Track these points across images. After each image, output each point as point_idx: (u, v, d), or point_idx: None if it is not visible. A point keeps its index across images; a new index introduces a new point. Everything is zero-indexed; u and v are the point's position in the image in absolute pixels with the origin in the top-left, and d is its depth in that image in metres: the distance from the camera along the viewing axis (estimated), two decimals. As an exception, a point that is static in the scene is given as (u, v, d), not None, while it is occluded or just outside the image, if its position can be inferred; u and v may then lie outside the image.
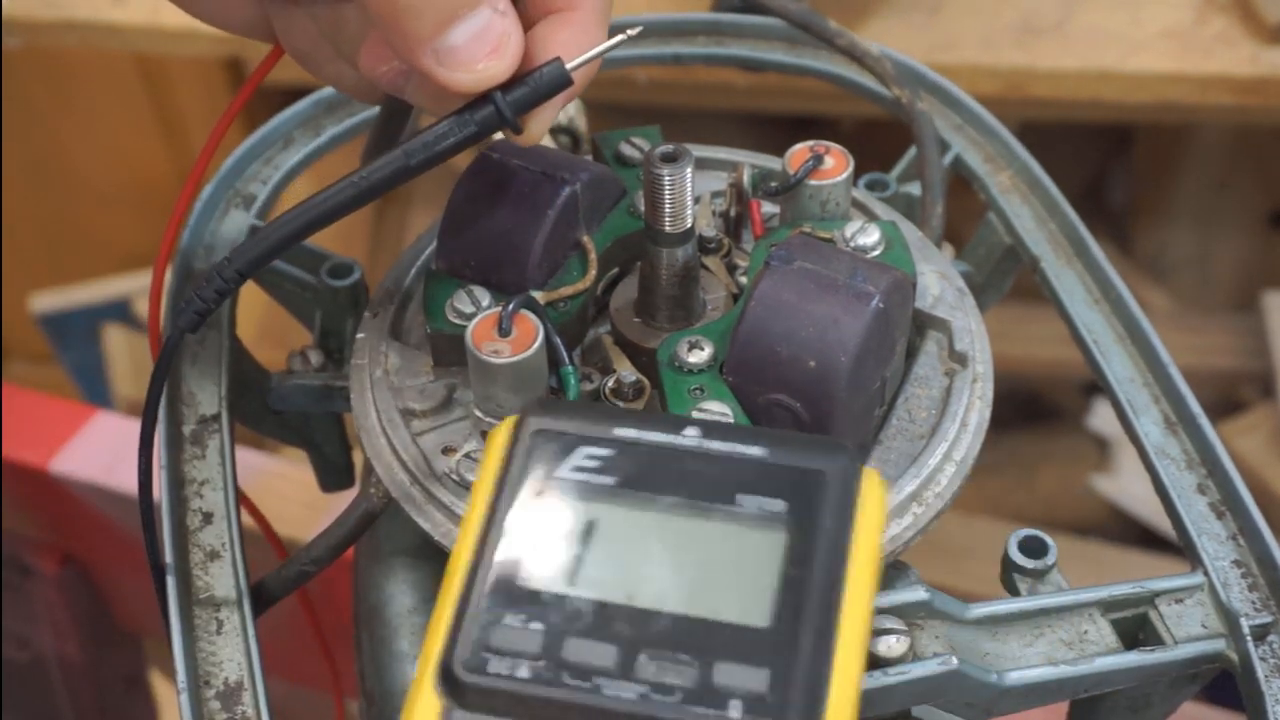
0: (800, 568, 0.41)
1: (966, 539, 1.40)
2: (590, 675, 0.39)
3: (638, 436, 0.44)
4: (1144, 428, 0.61)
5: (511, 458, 0.43)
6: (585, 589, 0.41)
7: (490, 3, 0.48)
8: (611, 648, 0.39)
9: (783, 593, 0.40)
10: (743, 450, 0.43)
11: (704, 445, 0.43)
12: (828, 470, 0.42)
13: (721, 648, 0.39)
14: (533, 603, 0.40)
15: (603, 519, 0.42)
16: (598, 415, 0.45)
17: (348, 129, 0.74)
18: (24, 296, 1.86)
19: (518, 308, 0.52)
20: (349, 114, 0.74)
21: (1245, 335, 1.59)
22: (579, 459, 0.43)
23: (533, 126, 0.51)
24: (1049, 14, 1.30)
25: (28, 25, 1.41)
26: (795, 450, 0.43)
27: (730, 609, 0.40)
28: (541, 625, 0.40)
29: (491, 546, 0.41)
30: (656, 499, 0.43)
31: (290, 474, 1.16)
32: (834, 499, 0.42)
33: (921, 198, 0.69)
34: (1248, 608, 0.54)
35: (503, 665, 0.39)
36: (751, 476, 0.43)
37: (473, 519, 0.42)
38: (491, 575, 0.41)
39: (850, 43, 0.72)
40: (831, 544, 0.41)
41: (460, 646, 0.39)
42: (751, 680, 0.38)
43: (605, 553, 0.42)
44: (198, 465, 0.60)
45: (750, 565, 0.41)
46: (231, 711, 0.53)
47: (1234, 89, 1.26)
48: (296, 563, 0.58)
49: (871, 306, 0.51)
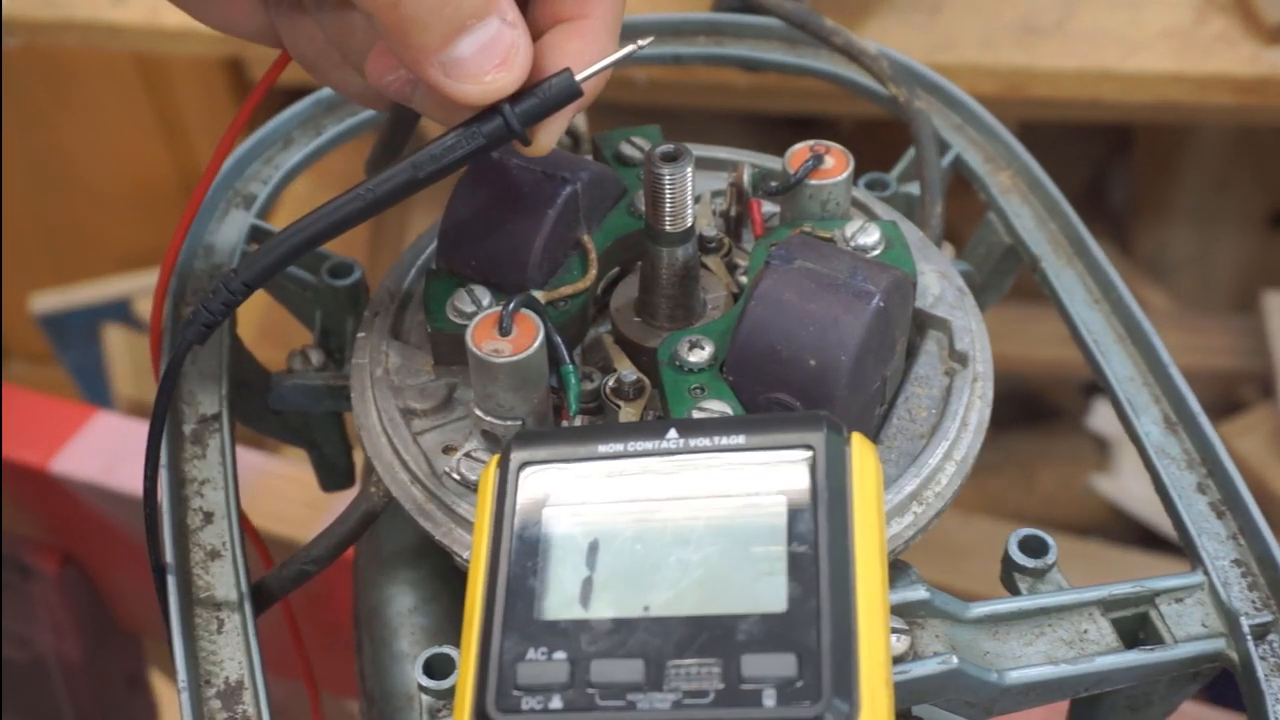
0: (806, 545, 0.41)
1: (966, 538, 1.40)
2: (622, 692, 0.39)
3: (622, 449, 0.44)
4: (1144, 427, 0.61)
5: (503, 495, 0.44)
6: (600, 609, 0.41)
7: (499, 12, 0.47)
8: (638, 662, 0.40)
9: (793, 574, 0.40)
10: (724, 441, 0.43)
11: (686, 444, 0.44)
12: (813, 443, 0.42)
13: (744, 640, 0.39)
14: (552, 633, 0.41)
15: (603, 537, 0.43)
16: (579, 437, 0.45)
17: (348, 129, 0.74)
18: (24, 296, 1.86)
19: (518, 307, 0.52)
20: (349, 114, 0.74)
21: (1245, 335, 1.59)
22: (569, 483, 0.44)
23: (541, 138, 0.50)
24: (1049, 14, 1.30)
25: (28, 25, 1.41)
26: (774, 431, 0.43)
27: (745, 600, 0.40)
28: (565, 654, 0.40)
29: (501, 586, 0.42)
30: (652, 507, 0.43)
31: (290, 474, 1.16)
32: (825, 470, 0.42)
33: (920, 197, 0.69)
34: (1248, 607, 0.54)
35: (535, 701, 0.39)
36: (738, 466, 0.43)
37: (478, 561, 0.43)
38: (506, 614, 0.41)
39: (847, 41, 0.72)
40: (833, 514, 0.41)
41: (489, 691, 0.40)
42: (779, 667, 0.39)
43: (612, 570, 0.42)
44: (198, 465, 0.60)
45: (755, 553, 0.41)
46: (232, 711, 0.53)
47: (1234, 89, 1.26)
48: (296, 563, 0.58)
49: (872, 306, 0.51)
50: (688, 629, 0.40)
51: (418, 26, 0.46)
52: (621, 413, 0.54)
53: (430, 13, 0.46)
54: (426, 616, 0.70)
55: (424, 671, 0.51)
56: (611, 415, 0.55)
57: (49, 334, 1.86)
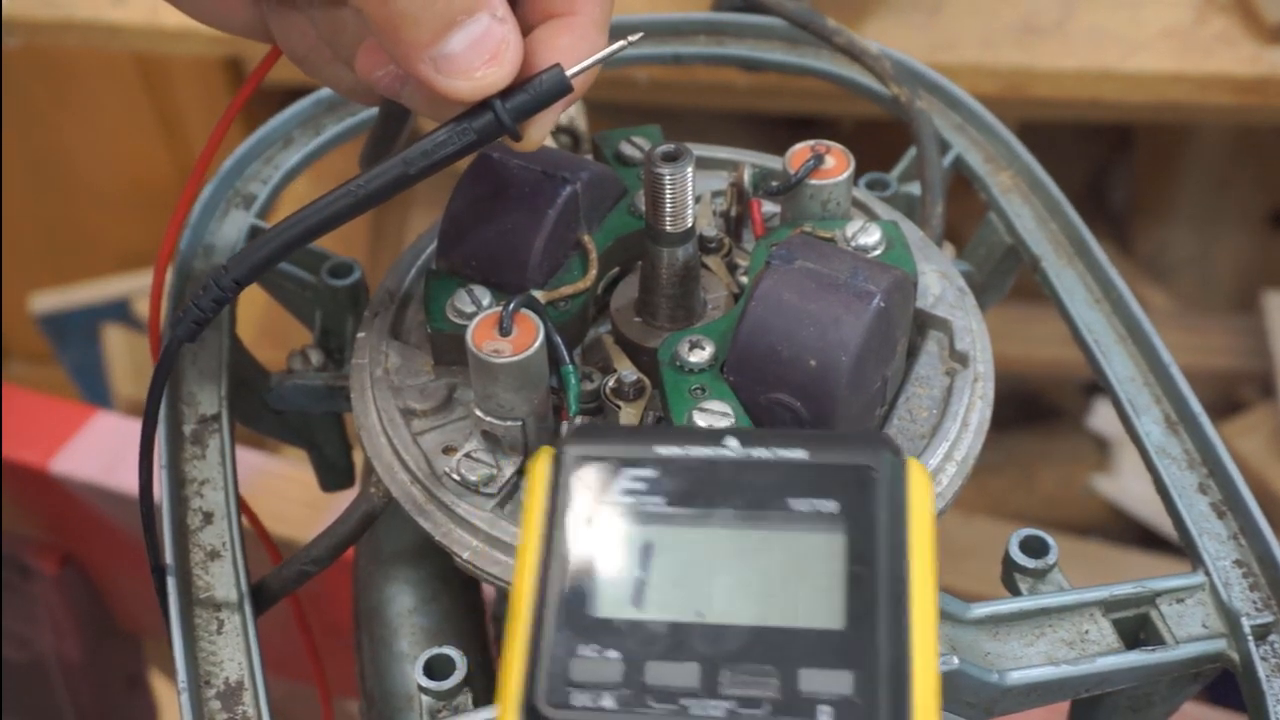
0: (864, 565, 0.41)
1: (967, 539, 1.40)
2: (675, 697, 0.39)
3: (680, 453, 0.44)
4: (1145, 427, 0.60)
5: (557, 488, 0.43)
6: (654, 611, 0.41)
7: (489, 8, 0.47)
8: (693, 666, 0.39)
9: (851, 592, 0.40)
10: (785, 454, 0.43)
11: (747, 454, 0.43)
12: (875, 465, 0.42)
13: (801, 654, 0.39)
14: (605, 631, 0.40)
15: (659, 539, 0.42)
16: (637, 436, 0.45)
17: (348, 128, 0.74)
18: (24, 296, 1.86)
19: (518, 307, 0.52)
20: (349, 113, 0.74)
21: (1245, 335, 1.59)
22: (625, 482, 0.43)
23: (532, 133, 0.50)
24: (1049, 14, 1.30)
25: (28, 25, 1.41)
26: (837, 448, 0.43)
27: (803, 614, 0.40)
28: (618, 652, 0.40)
29: (553, 579, 0.42)
30: (709, 513, 0.43)
31: (290, 474, 1.16)
32: (886, 493, 0.42)
33: (922, 197, 0.69)
34: (1249, 607, 0.54)
35: (586, 697, 0.39)
36: (799, 480, 0.43)
37: (528, 553, 0.42)
38: (558, 608, 0.41)
39: (849, 41, 0.72)
40: (891, 538, 0.41)
41: (540, 683, 0.39)
42: (836, 684, 0.38)
43: (667, 573, 0.42)
44: (198, 465, 0.60)
45: (814, 568, 0.41)
46: (232, 711, 0.53)
47: (1234, 89, 1.26)
48: (296, 563, 0.58)
49: (872, 306, 0.51)
50: (743, 638, 0.40)
51: (408, 22, 0.46)
52: (622, 413, 0.54)
53: (421, 8, 0.46)
54: (426, 616, 0.70)
55: (424, 672, 0.51)
56: (612, 415, 0.55)
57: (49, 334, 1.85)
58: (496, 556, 0.53)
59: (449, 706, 0.51)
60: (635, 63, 0.76)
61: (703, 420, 0.51)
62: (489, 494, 0.53)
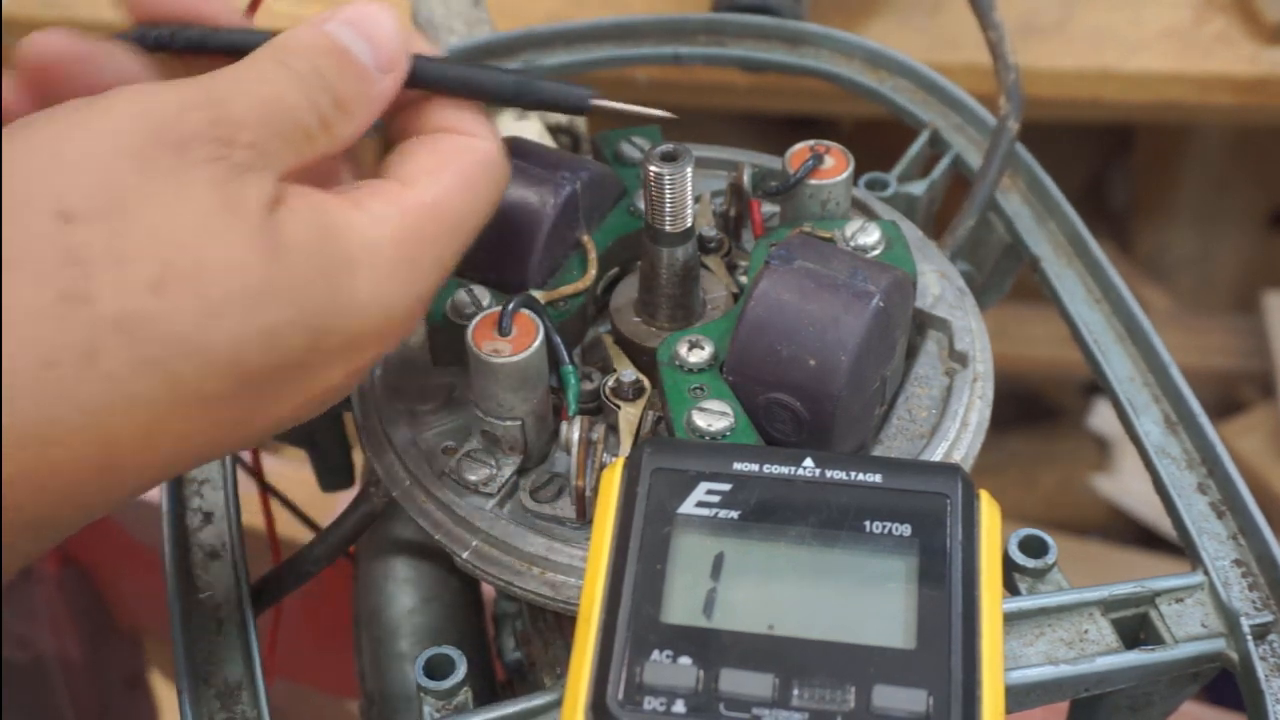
0: (936, 589, 0.42)
1: (966, 539, 1.40)
2: (748, 706, 0.39)
3: (756, 470, 0.45)
4: (1144, 427, 0.60)
5: (632, 497, 0.44)
6: (724, 621, 0.41)
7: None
8: (768, 677, 0.40)
9: (923, 615, 0.41)
10: (860, 478, 0.44)
11: (822, 474, 0.44)
12: (949, 494, 0.44)
13: (875, 671, 0.40)
14: (678, 638, 0.41)
15: (730, 552, 0.43)
16: (714, 452, 0.46)
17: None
18: (24, 297, 1.86)
19: (518, 307, 0.52)
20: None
21: (1245, 335, 1.59)
22: (700, 495, 0.44)
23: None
24: (1049, 14, 1.30)
25: (28, 25, 1.41)
26: (911, 475, 0.45)
27: (874, 633, 0.41)
28: (690, 659, 0.40)
29: (626, 585, 0.42)
30: (782, 529, 0.43)
31: (290, 474, 1.16)
32: (959, 521, 0.43)
33: (964, 207, 0.67)
34: (1248, 607, 0.54)
35: (658, 702, 0.40)
36: (874, 503, 0.44)
37: (599, 558, 0.43)
38: (630, 613, 0.42)
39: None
40: (963, 565, 0.42)
41: (612, 685, 0.40)
42: (911, 701, 0.39)
43: (739, 584, 0.42)
44: (198, 465, 0.60)
45: (885, 589, 0.42)
46: (231, 711, 0.53)
47: (1234, 89, 1.26)
48: (296, 563, 0.58)
49: (872, 305, 0.51)
50: (815, 653, 0.40)
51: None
52: (621, 413, 0.54)
53: None
54: (426, 616, 0.70)
55: (424, 672, 0.51)
56: (611, 415, 0.55)
57: (49, 334, 1.85)
58: (496, 556, 0.53)
59: (449, 706, 0.51)
60: (636, 63, 0.76)
61: (702, 420, 0.51)
62: (488, 494, 0.54)
